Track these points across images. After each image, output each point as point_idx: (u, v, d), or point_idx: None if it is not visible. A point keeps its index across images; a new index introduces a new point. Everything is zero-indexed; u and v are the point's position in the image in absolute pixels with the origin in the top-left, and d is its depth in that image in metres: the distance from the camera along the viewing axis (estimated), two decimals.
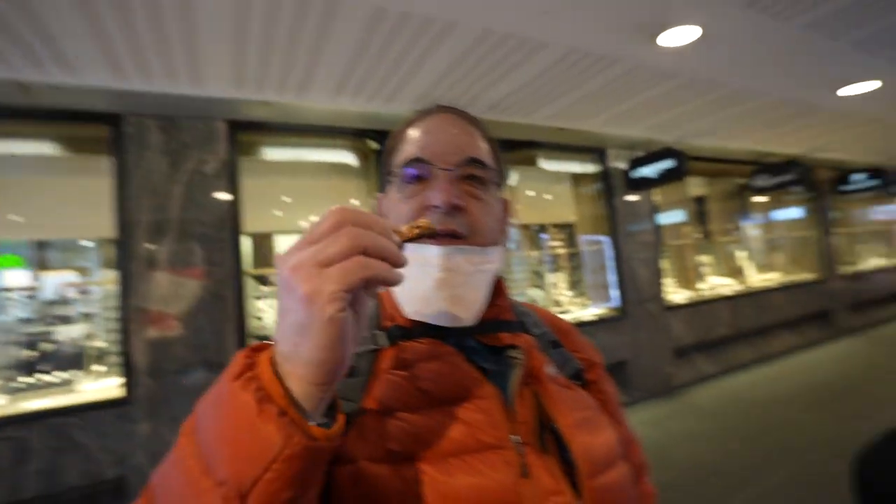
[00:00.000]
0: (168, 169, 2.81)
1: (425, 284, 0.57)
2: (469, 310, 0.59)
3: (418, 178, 0.60)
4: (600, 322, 4.47)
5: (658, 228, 5.04)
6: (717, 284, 5.89)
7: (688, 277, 5.59)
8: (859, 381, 4.54)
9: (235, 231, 2.98)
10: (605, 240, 4.72)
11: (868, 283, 7.58)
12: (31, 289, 3.89)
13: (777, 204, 6.83)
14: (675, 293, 5.37)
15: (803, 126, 4.87)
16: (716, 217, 6.30)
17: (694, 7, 2.34)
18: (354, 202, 3.70)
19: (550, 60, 2.77)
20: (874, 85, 3.79)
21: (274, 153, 3.41)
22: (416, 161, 0.60)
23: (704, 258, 6.13)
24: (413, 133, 0.63)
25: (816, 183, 6.90)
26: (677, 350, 4.90)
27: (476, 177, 0.61)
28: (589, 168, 4.80)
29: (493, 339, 0.62)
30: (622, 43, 2.64)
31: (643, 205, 4.91)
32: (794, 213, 6.81)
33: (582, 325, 4.34)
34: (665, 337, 4.79)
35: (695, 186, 6.01)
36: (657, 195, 5.12)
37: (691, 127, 4.48)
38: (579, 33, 2.49)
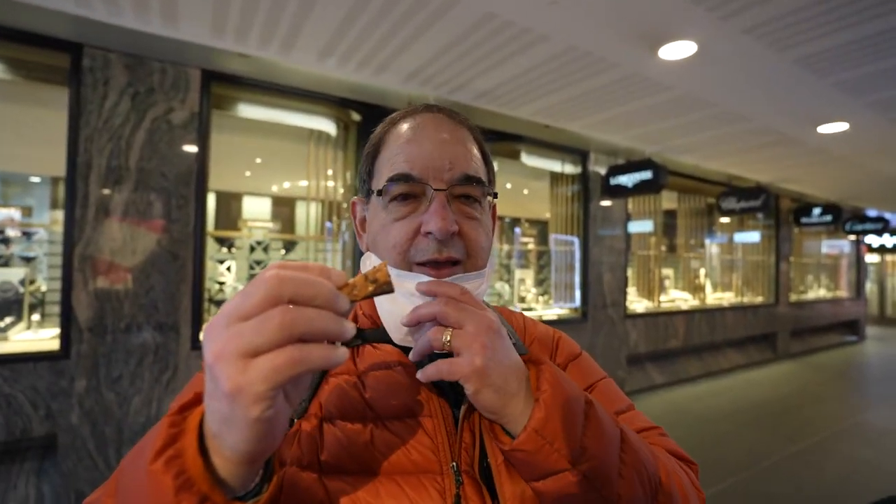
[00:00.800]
0: (130, 112, 2.60)
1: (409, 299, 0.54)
2: None
3: (408, 197, 0.55)
4: (561, 322, 4.53)
5: (628, 236, 5.13)
6: (676, 298, 6.09)
7: (650, 288, 5.74)
8: (795, 403, 4.81)
9: (201, 188, 2.81)
10: (576, 241, 4.77)
11: (811, 312, 8.04)
12: None
13: (739, 226, 7.09)
14: (637, 302, 5.51)
15: (777, 156, 5.03)
16: (682, 232, 6.48)
17: (695, 24, 2.32)
18: (330, 172, 3.57)
19: (549, 55, 2.71)
20: (843, 126, 3.94)
21: (250, 111, 3.22)
22: (405, 179, 0.55)
23: (667, 271, 6.32)
24: (399, 138, 0.58)
25: (778, 211, 7.20)
26: (631, 357, 5.05)
27: (470, 196, 0.57)
28: (569, 168, 4.82)
29: None
30: (624, 48, 2.61)
31: (617, 211, 4.99)
32: (753, 237, 7.09)
33: (544, 323, 4.39)
34: (621, 343, 4.92)
35: (666, 200, 6.15)
36: (631, 203, 5.20)
37: (675, 142, 4.55)
38: (583, 31, 2.44)
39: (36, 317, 2.99)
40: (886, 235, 10.33)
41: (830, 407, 4.72)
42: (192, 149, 2.77)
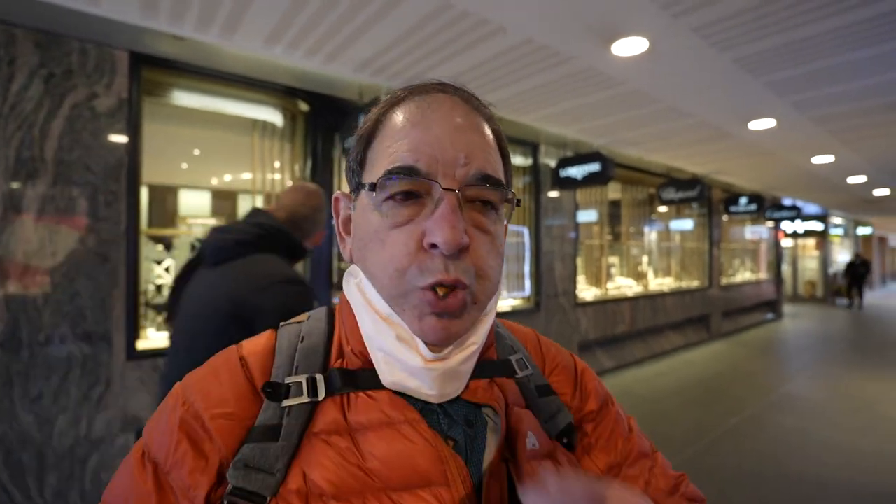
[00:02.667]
0: (44, 97, 2.30)
1: (413, 359, 0.44)
2: (463, 381, 0.47)
3: (409, 196, 0.44)
4: (515, 313, 4.60)
5: (577, 226, 5.28)
6: (622, 285, 6.36)
7: (598, 276, 5.96)
8: (728, 379, 5.20)
9: (133, 183, 2.55)
10: (525, 231, 4.83)
11: (738, 294, 8.71)
12: None
13: (676, 215, 7.52)
14: (586, 290, 5.70)
15: (713, 149, 5.36)
16: (626, 221, 6.77)
17: (648, 20, 2.38)
18: (277, 165, 3.37)
19: (505, 47, 2.69)
20: (771, 123, 4.24)
21: (186, 98, 2.95)
22: (408, 172, 0.43)
23: (613, 259, 6.58)
24: (402, 121, 0.46)
25: (711, 201, 7.70)
26: (582, 343, 5.22)
27: (487, 201, 0.46)
28: (520, 160, 4.86)
29: (469, 391, 0.48)
30: (579, 42, 2.63)
31: (566, 202, 5.11)
32: (688, 224, 7.55)
33: (497, 315, 4.43)
34: (573, 331, 5.07)
35: (612, 190, 6.40)
36: (579, 194, 5.35)
37: (621, 135, 4.71)
38: (540, 24, 2.43)
39: None
40: (798, 221, 11.43)
41: (759, 381, 5.15)
42: (121, 139, 2.49)
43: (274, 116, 3.28)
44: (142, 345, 2.60)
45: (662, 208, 7.26)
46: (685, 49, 2.71)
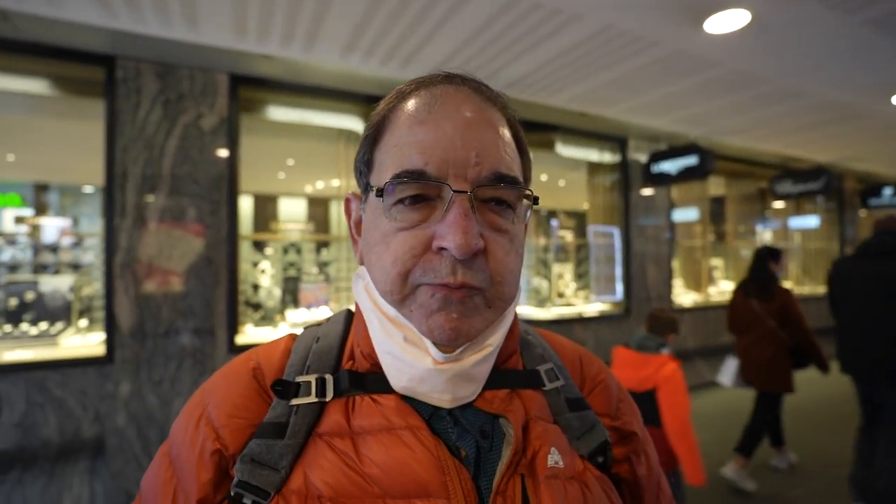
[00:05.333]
0: (163, 120, 2.64)
1: (422, 361, 0.42)
2: (479, 384, 0.44)
3: (419, 199, 0.42)
4: (603, 318, 4.34)
5: (673, 226, 4.85)
6: (727, 290, 5.72)
7: (698, 280, 5.42)
8: None
9: (232, 192, 2.83)
10: (616, 232, 4.54)
11: None
12: (31, 233, 3.75)
13: (795, 211, 6.59)
14: (684, 295, 5.21)
15: (841, 133, 4.60)
16: (731, 219, 6.08)
17: None
18: None
19: (583, 36, 2.54)
20: None
21: (279, 112, 3.22)
22: (416, 176, 0.41)
23: (716, 261, 5.95)
24: (409, 118, 0.43)
25: (842, 193, 6.63)
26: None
27: (502, 201, 0.43)
28: (607, 157, 4.59)
29: (484, 400, 0.45)
30: (665, 24, 2.40)
31: (660, 200, 4.72)
32: (811, 222, 6.57)
33: (584, 319, 4.21)
34: None
35: (714, 185, 5.78)
36: (674, 191, 4.91)
37: (722, 123, 4.23)
38: (620, 8, 2.26)
39: (84, 322, 3.11)
40: None
41: None
42: (222, 153, 2.78)
43: (357, 124, 3.45)
44: (240, 339, 2.87)
45: (778, 204, 6.40)
46: (798, 17, 2.35)
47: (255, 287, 3.32)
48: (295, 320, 3.47)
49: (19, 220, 3.85)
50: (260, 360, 0.49)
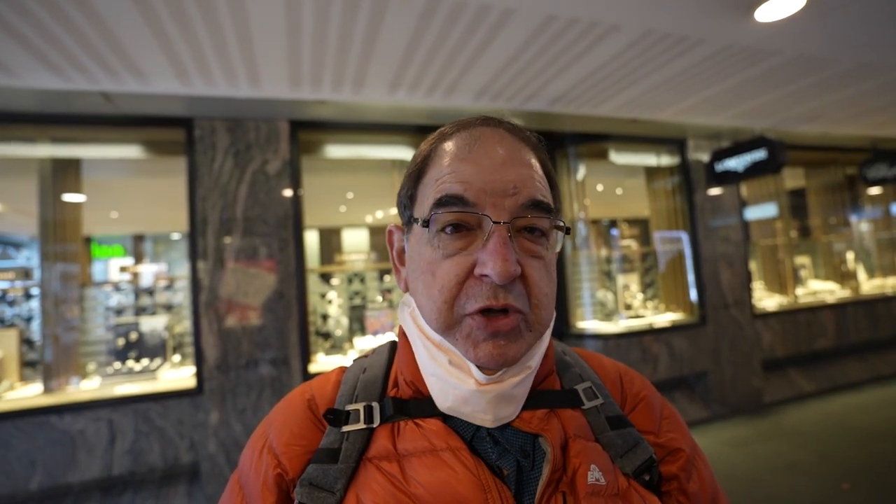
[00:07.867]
0: (234, 169, 2.92)
1: (466, 382, 0.45)
2: (518, 404, 0.47)
3: (460, 228, 0.46)
4: (676, 328, 4.10)
5: (746, 225, 4.52)
6: (818, 290, 5.21)
7: (781, 281, 4.98)
8: None
9: (298, 229, 3.04)
10: (684, 237, 4.31)
11: None
12: (132, 279, 4.24)
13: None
14: (766, 298, 4.80)
15: None
16: (816, 212, 5.55)
17: None
18: None
19: (623, 45, 2.51)
20: None
21: (336, 151, 3.44)
22: (456, 203, 0.45)
23: (802, 259, 5.44)
24: (449, 155, 0.48)
25: None
26: (767, 362, 4.39)
27: (536, 228, 0.47)
28: (665, 161, 4.41)
29: (522, 420, 0.47)
30: (710, 20, 2.32)
31: (728, 199, 4.43)
32: None
33: (655, 331, 4.01)
34: (752, 347, 4.30)
35: (791, 178, 5.33)
36: (745, 188, 4.60)
37: (790, 112, 3.94)
38: (658, 12, 2.22)
39: (177, 357, 3.44)
40: None
41: None
42: (287, 193, 3.02)
43: (407, 154, 3.60)
44: (313, 368, 3.03)
45: (873, 190, 5.77)
46: None
47: (325, 317, 3.51)
48: (363, 348, 3.61)
49: (123, 268, 4.36)
50: (314, 392, 0.54)
